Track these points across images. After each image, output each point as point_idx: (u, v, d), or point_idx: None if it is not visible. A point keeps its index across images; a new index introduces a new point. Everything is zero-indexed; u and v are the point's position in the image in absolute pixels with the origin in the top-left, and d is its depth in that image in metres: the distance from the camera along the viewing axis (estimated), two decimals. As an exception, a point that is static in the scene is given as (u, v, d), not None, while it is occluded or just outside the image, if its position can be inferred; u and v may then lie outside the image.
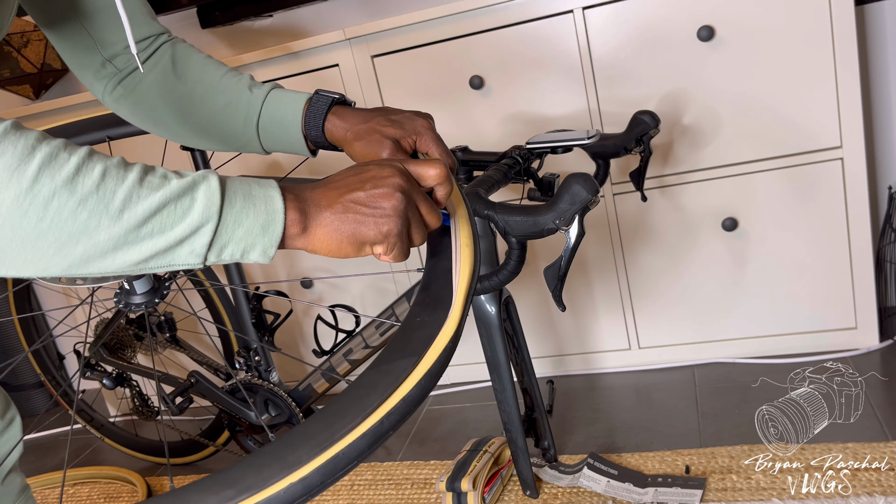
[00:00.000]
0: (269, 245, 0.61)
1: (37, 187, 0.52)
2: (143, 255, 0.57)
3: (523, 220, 1.02)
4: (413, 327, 0.64)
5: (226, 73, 0.96)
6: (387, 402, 0.58)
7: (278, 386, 1.57)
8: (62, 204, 0.53)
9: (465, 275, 0.67)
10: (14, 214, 0.52)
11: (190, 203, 0.57)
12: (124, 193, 0.55)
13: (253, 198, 0.60)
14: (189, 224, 0.57)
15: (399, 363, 0.61)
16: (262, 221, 0.60)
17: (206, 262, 0.59)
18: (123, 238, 0.55)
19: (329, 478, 0.55)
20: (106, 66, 0.95)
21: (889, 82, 1.76)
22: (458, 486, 1.38)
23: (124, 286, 1.24)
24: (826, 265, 1.65)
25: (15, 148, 0.52)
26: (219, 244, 0.59)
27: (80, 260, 0.55)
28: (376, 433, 0.57)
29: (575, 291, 1.81)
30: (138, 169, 0.56)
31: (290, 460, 0.56)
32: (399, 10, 1.95)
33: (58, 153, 0.53)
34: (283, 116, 0.94)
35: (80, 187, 0.53)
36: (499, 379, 1.33)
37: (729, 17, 1.53)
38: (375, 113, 0.93)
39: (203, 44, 2.13)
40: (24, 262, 0.54)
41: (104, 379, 1.70)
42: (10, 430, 0.99)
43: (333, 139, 0.93)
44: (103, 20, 0.91)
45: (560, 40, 1.62)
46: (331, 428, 0.57)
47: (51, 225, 0.53)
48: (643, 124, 1.29)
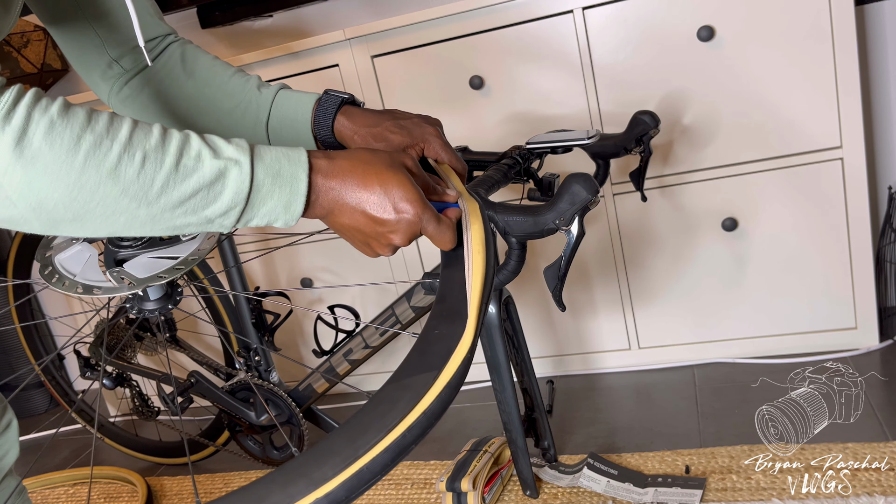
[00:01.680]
0: (289, 219, 0.68)
1: (84, 178, 0.58)
2: (177, 227, 0.64)
3: (523, 220, 1.02)
4: (431, 341, 0.65)
5: (234, 74, 0.96)
6: (408, 416, 0.59)
7: (278, 386, 1.57)
8: (107, 192, 0.59)
9: (476, 284, 0.68)
10: (66, 199, 0.58)
11: (220, 189, 0.63)
12: (162, 180, 0.61)
13: (280, 178, 0.66)
14: (218, 208, 0.64)
15: (419, 378, 0.62)
16: (285, 201, 0.66)
17: (232, 231, 0.69)
18: (160, 216, 0.62)
19: (353, 492, 0.56)
20: (113, 67, 0.94)
21: (889, 82, 1.76)
22: (458, 486, 1.38)
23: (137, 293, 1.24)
24: (826, 265, 1.65)
25: (62, 140, 0.57)
26: (244, 219, 0.66)
27: (122, 228, 0.63)
28: (399, 447, 0.58)
29: (575, 291, 1.81)
30: (175, 150, 0.62)
31: (315, 477, 0.56)
32: (399, 10, 1.95)
33: (101, 141, 0.59)
34: (293, 116, 0.94)
35: (122, 177, 0.60)
36: (499, 379, 1.33)
37: (729, 17, 1.53)
38: (384, 116, 0.93)
39: (203, 44, 2.13)
40: (76, 229, 0.62)
41: (104, 379, 1.70)
42: (7, 433, 0.99)
43: (342, 139, 0.93)
44: (112, 20, 0.91)
45: (560, 40, 1.62)
46: (354, 443, 0.58)
47: (97, 206, 0.60)
48: (643, 124, 1.29)
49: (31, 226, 0.60)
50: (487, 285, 0.70)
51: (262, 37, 2.09)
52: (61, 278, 0.96)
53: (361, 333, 1.44)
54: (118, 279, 0.95)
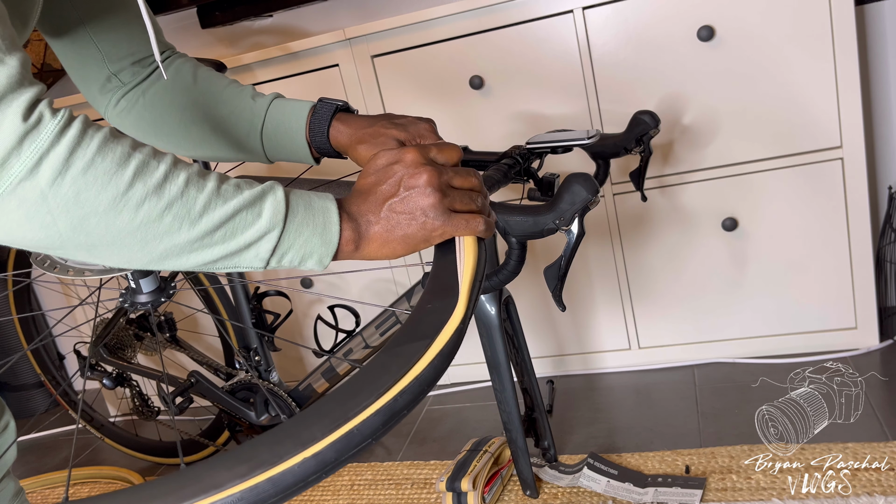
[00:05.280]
0: (325, 255, 0.66)
1: (131, 192, 0.58)
2: (215, 255, 0.63)
3: (523, 220, 1.02)
4: (424, 313, 0.65)
5: (228, 84, 0.98)
6: (401, 381, 0.59)
7: (278, 386, 1.57)
8: (151, 207, 0.59)
9: (470, 257, 0.68)
10: (110, 214, 0.58)
11: (259, 211, 0.63)
12: (204, 200, 0.61)
13: (313, 209, 0.65)
14: (257, 230, 0.63)
15: (411, 346, 0.62)
16: (320, 232, 0.65)
17: (267, 265, 0.65)
18: (199, 241, 0.61)
19: (343, 454, 0.56)
20: (111, 80, 0.96)
21: (889, 82, 1.76)
22: (458, 486, 1.38)
23: (130, 285, 1.24)
24: (826, 265, 1.65)
25: (114, 154, 0.58)
26: (281, 250, 0.64)
27: (159, 257, 0.62)
28: (391, 410, 0.58)
29: (575, 291, 1.81)
30: (215, 178, 0.63)
31: (303, 437, 0.56)
32: (399, 10, 1.95)
33: (149, 160, 0.60)
34: (288, 124, 0.94)
35: (167, 193, 0.59)
36: (499, 379, 1.33)
37: (729, 17, 1.53)
38: (379, 118, 0.94)
39: (203, 44, 2.13)
40: (111, 254, 0.61)
41: (104, 379, 1.70)
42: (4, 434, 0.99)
43: (338, 145, 0.94)
44: (114, 36, 0.93)
45: (560, 40, 1.62)
46: (344, 406, 0.58)
47: (140, 225, 0.59)
48: (643, 124, 1.29)
49: (66, 249, 0.59)
50: (482, 259, 0.70)
51: (262, 37, 2.09)
52: (53, 263, 0.97)
53: (361, 333, 1.44)
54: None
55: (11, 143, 0.54)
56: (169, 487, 0.56)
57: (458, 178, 0.70)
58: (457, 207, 0.69)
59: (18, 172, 0.54)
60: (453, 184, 0.69)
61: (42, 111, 0.56)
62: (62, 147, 0.56)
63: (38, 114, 0.56)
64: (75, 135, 0.56)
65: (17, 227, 0.57)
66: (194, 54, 1.66)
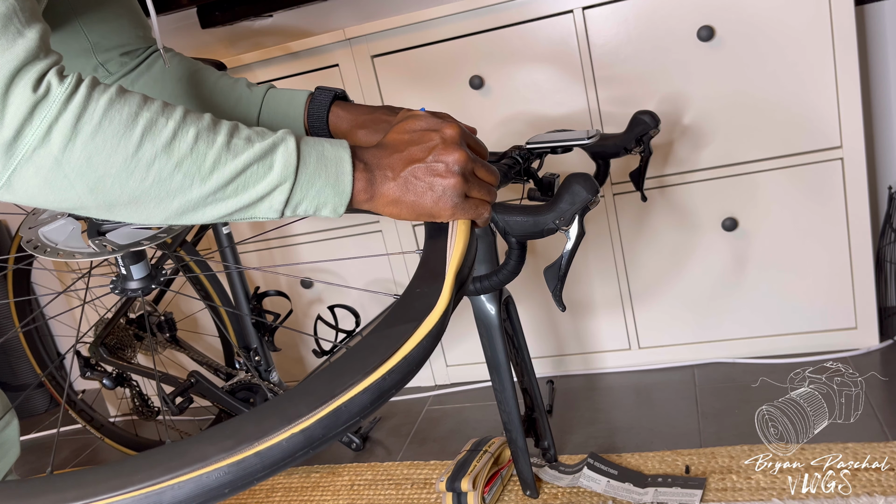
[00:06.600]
0: (339, 204, 0.67)
1: (140, 152, 0.59)
2: (230, 209, 0.64)
3: (523, 220, 1.02)
4: (412, 297, 0.66)
5: (222, 76, 0.98)
6: (389, 361, 0.59)
7: (278, 386, 1.57)
8: (162, 167, 0.60)
9: (460, 241, 0.69)
10: (122, 175, 0.59)
11: (270, 164, 0.63)
12: (214, 156, 0.62)
13: (325, 159, 0.65)
14: (268, 183, 0.63)
15: (400, 327, 0.62)
16: (332, 182, 0.66)
17: (282, 215, 0.66)
18: (212, 195, 0.62)
19: (331, 431, 0.56)
20: (98, 70, 0.96)
21: (889, 82, 1.76)
22: (458, 486, 1.38)
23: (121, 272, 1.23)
24: (826, 265, 1.65)
25: (121, 115, 0.59)
26: (294, 200, 0.65)
27: (175, 213, 0.63)
28: (379, 389, 0.58)
29: (575, 291, 1.81)
30: (226, 131, 0.63)
31: (289, 414, 0.57)
32: (399, 10, 1.95)
33: (157, 118, 0.60)
34: (285, 111, 0.95)
35: (176, 151, 0.60)
36: (499, 379, 1.33)
37: (729, 17, 1.53)
38: (380, 107, 0.95)
39: (203, 44, 2.13)
40: (130, 213, 0.62)
41: (104, 379, 1.70)
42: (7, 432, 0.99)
43: (337, 131, 0.95)
44: (104, 28, 0.93)
45: (560, 40, 1.62)
46: (331, 384, 0.58)
47: (152, 185, 0.60)
48: (643, 124, 1.29)
49: (88, 209, 0.61)
50: (472, 244, 0.71)
51: (262, 37, 2.09)
52: (43, 246, 0.97)
53: (362, 332, 1.44)
54: (100, 246, 0.96)
55: (24, 114, 0.56)
56: (155, 460, 0.56)
57: (483, 170, 0.72)
58: (472, 195, 0.70)
59: (32, 142, 0.56)
60: (477, 173, 0.71)
61: (50, 80, 0.58)
62: (69, 114, 0.57)
63: (47, 83, 0.57)
64: (81, 101, 0.58)
65: (39, 192, 0.59)
66: (194, 54, 1.67)
